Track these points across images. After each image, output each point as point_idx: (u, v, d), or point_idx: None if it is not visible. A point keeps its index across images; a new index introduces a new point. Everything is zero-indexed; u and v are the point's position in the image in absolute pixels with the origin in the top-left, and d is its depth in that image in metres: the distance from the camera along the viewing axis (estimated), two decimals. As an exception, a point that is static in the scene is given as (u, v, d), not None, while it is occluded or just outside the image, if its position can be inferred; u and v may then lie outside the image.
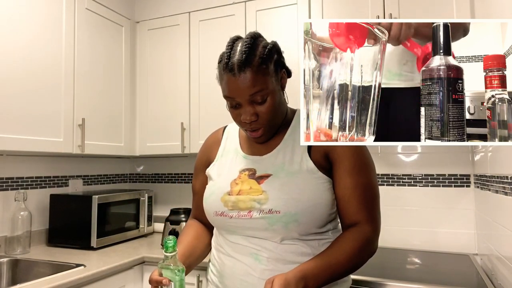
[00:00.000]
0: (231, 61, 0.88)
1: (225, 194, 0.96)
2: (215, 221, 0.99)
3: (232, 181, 0.97)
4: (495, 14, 1.33)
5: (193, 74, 2.21)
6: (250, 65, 0.87)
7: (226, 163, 1.03)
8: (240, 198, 0.93)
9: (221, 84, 0.92)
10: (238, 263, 0.92)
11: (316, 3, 1.93)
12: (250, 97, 0.89)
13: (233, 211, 0.93)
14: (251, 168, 0.97)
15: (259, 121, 0.92)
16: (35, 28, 1.73)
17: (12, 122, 1.61)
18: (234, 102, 0.91)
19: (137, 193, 2.27)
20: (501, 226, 1.30)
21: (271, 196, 0.90)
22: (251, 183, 0.94)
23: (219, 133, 1.14)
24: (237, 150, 1.04)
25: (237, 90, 0.88)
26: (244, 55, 0.87)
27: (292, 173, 0.92)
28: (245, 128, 0.95)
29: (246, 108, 0.90)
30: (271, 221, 0.89)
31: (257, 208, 0.90)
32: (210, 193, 1.00)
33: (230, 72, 0.88)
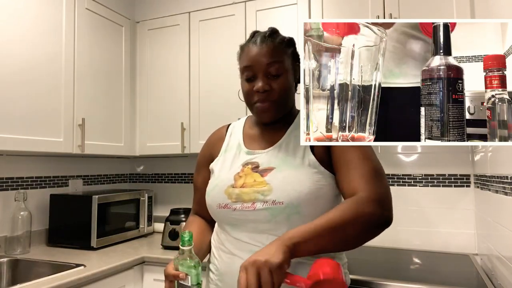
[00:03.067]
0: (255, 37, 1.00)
1: (229, 187, 0.97)
2: (219, 214, 0.99)
3: (236, 175, 0.99)
4: (495, 14, 1.33)
5: (193, 74, 2.22)
6: (272, 39, 0.99)
7: (229, 158, 1.05)
8: (244, 190, 0.94)
9: (241, 58, 1.03)
10: (239, 260, 0.91)
11: (316, 3, 1.93)
12: (267, 67, 0.96)
13: (236, 203, 0.94)
14: (254, 162, 0.99)
15: (271, 93, 0.97)
16: (35, 28, 1.73)
17: (12, 122, 1.61)
18: (250, 73, 0.98)
19: (137, 193, 2.27)
20: (501, 226, 1.30)
21: (275, 187, 0.91)
22: (255, 176, 0.95)
23: (223, 130, 1.16)
24: (240, 145, 1.06)
25: (256, 58, 0.97)
26: (269, 32, 1.00)
27: (295, 166, 0.94)
28: (256, 100, 0.98)
29: (261, 78, 0.97)
30: (274, 212, 0.90)
31: (261, 199, 0.91)
32: (214, 186, 1.02)
33: (251, 43, 0.99)
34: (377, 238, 0.97)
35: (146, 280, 1.82)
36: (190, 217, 1.18)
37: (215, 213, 1.01)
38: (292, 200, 0.89)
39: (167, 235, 1.98)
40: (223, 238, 1.00)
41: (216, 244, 1.03)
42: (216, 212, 0.99)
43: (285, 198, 0.89)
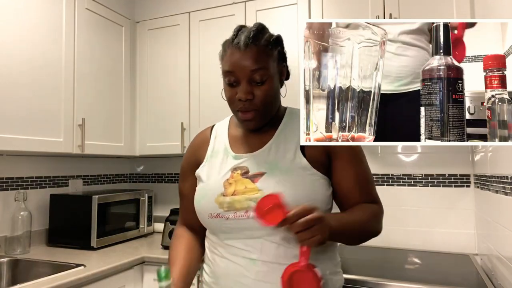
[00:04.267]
0: (238, 37, 0.91)
1: (219, 195, 0.93)
2: (210, 224, 0.95)
3: (225, 181, 0.94)
4: (495, 14, 1.33)
5: (193, 74, 2.22)
6: (256, 42, 0.90)
7: (216, 163, 1.00)
8: (235, 198, 0.90)
9: (223, 60, 0.94)
10: (233, 265, 0.91)
11: (316, 3, 1.93)
12: (251, 74, 0.89)
13: (229, 212, 0.90)
14: (243, 167, 0.95)
15: (254, 102, 0.91)
16: (35, 28, 1.73)
17: (12, 122, 1.61)
18: (233, 78, 0.91)
19: (137, 193, 2.27)
20: (501, 226, 1.29)
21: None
22: (246, 182, 0.92)
23: (206, 133, 1.09)
24: (226, 149, 1.01)
25: (239, 64, 0.89)
26: (253, 33, 0.90)
27: (286, 170, 0.91)
28: (238, 108, 0.93)
29: (244, 85, 0.90)
30: None
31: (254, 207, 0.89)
32: (203, 195, 0.97)
33: (235, 46, 0.90)
34: (377, 238, 0.97)
35: (146, 280, 1.82)
36: (177, 231, 1.10)
37: (207, 222, 0.96)
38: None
39: (167, 235, 1.98)
40: (215, 242, 0.97)
41: (209, 246, 1.00)
42: (208, 221, 0.95)
43: None
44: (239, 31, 0.94)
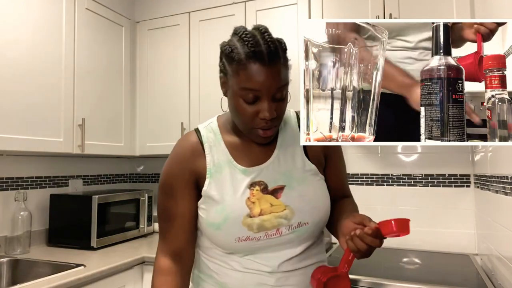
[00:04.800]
0: (258, 49, 0.80)
1: (245, 217, 0.86)
2: (236, 247, 0.88)
3: (247, 200, 0.88)
4: (495, 14, 1.33)
5: (193, 74, 2.22)
6: (278, 56, 0.82)
7: (224, 179, 0.91)
8: (264, 218, 0.86)
9: (239, 75, 0.82)
10: (249, 275, 0.89)
11: (316, 3, 1.93)
12: (276, 91, 0.82)
13: (259, 233, 0.86)
14: (259, 182, 0.90)
15: (276, 119, 0.85)
16: (35, 28, 1.73)
17: (12, 122, 1.61)
18: (253, 95, 0.82)
19: (137, 193, 2.27)
20: (501, 226, 1.29)
21: (296, 209, 0.88)
22: (269, 199, 0.88)
23: (194, 142, 0.96)
24: (230, 162, 0.92)
25: (265, 81, 0.80)
26: (272, 44, 0.81)
27: (301, 180, 0.92)
28: (259, 126, 0.85)
29: (268, 103, 0.82)
30: (299, 233, 0.89)
31: (285, 224, 0.87)
32: (223, 218, 0.88)
33: (258, 60, 0.80)
34: (377, 238, 0.97)
35: (146, 280, 1.82)
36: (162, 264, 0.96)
37: (232, 246, 0.88)
38: (315, 218, 0.90)
39: (167, 235, 1.98)
40: (224, 256, 0.91)
41: (210, 258, 0.94)
42: (233, 245, 0.88)
43: (309, 218, 0.89)
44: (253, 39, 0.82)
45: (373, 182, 2.05)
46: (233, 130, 0.96)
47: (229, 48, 0.85)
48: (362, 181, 2.07)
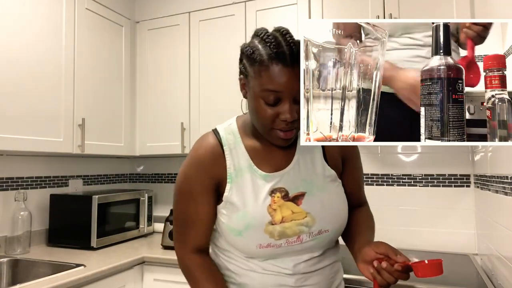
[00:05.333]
0: (281, 50, 0.81)
1: (267, 224, 0.87)
2: (259, 253, 0.89)
3: (268, 207, 0.88)
4: (495, 14, 1.33)
5: (193, 74, 2.22)
6: (299, 57, 0.81)
7: (246, 185, 0.90)
8: (285, 225, 0.87)
9: (262, 76, 0.82)
10: (269, 276, 0.90)
11: (316, 3, 1.93)
12: (297, 93, 0.82)
13: (281, 240, 0.87)
14: (280, 188, 0.90)
15: (296, 122, 0.85)
16: (35, 28, 1.73)
17: (12, 122, 1.61)
18: (274, 97, 0.82)
19: (137, 193, 2.27)
20: (501, 226, 1.29)
21: (317, 217, 0.89)
22: (290, 206, 0.89)
23: (214, 144, 0.94)
24: (251, 167, 0.91)
25: (288, 82, 0.81)
26: (294, 46, 0.82)
27: (322, 187, 0.92)
28: (280, 128, 0.85)
29: (289, 105, 0.82)
30: (320, 240, 0.90)
31: (306, 231, 0.88)
32: (245, 225, 0.88)
33: (281, 62, 0.80)
34: (377, 238, 0.97)
35: (146, 280, 1.82)
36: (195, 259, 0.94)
37: (253, 252, 0.89)
38: (335, 226, 0.91)
39: (167, 235, 1.98)
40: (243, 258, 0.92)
41: (228, 259, 0.95)
42: (255, 251, 0.89)
43: (330, 226, 0.90)
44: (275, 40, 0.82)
45: (373, 182, 2.05)
46: (252, 133, 0.95)
47: (250, 49, 0.85)
48: (362, 181, 2.07)
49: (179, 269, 0.99)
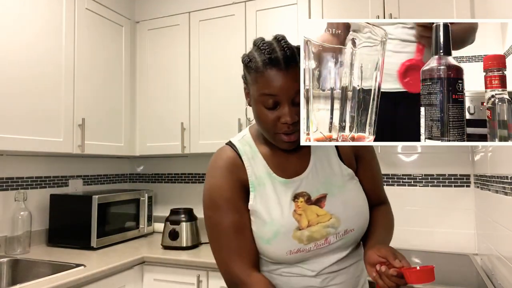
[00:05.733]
0: (275, 55, 0.83)
1: (295, 230, 0.88)
2: (288, 259, 0.89)
3: (294, 213, 0.89)
4: (495, 14, 1.33)
5: (193, 74, 2.22)
6: (295, 60, 0.83)
7: (268, 193, 0.91)
8: (313, 229, 0.88)
9: (258, 82, 0.85)
10: (294, 279, 0.91)
11: (316, 3, 1.93)
12: (294, 95, 0.83)
13: (309, 244, 0.89)
14: (302, 193, 0.91)
15: (298, 123, 0.85)
16: (35, 28, 1.73)
17: (12, 122, 1.61)
18: (273, 101, 0.84)
19: (137, 193, 2.27)
20: (501, 226, 1.29)
21: (341, 217, 0.90)
22: (315, 210, 0.90)
23: (232, 155, 0.95)
24: (270, 174, 0.93)
25: (283, 86, 0.82)
26: (288, 50, 0.84)
27: (341, 186, 0.93)
28: (282, 131, 0.86)
29: (288, 108, 0.84)
30: (347, 240, 0.91)
31: (333, 233, 0.89)
32: (274, 233, 0.88)
33: (275, 66, 0.82)
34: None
35: (146, 280, 1.82)
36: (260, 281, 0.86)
37: (283, 259, 0.89)
38: (361, 224, 0.92)
39: (167, 235, 1.98)
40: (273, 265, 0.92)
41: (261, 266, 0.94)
42: (285, 257, 0.89)
43: (355, 225, 0.91)
44: (269, 47, 0.85)
45: (373, 182, 2.05)
46: (266, 141, 0.95)
47: (248, 58, 0.88)
48: (362, 181, 2.07)
49: (179, 269, 1.00)
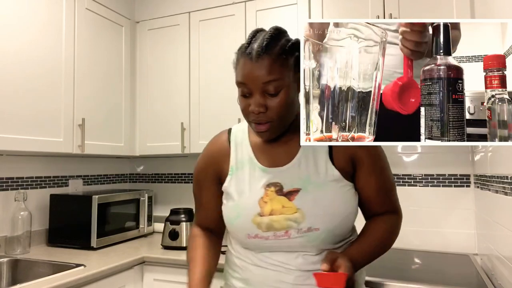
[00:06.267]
0: (251, 46, 0.86)
1: (256, 215, 0.90)
2: (249, 243, 0.93)
3: (260, 200, 0.91)
4: (495, 14, 1.33)
5: (193, 74, 2.22)
6: (269, 52, 0.84)
7: (244, 177, 0.95)
8: (273, 218, 0.88)
9: (236, 69, 0.92)
10: (269, 272, 0.90)
11: (316, 3, 1.93)
12: (263, 86, 0.85)
13: (268, 232, 0.89)
14: (276, 183, 0.92)
15: (268, 114, 0.87)
16: (35, 28, 1.73)
17: (12, 122, 1.61)
18: (245, 89, 0.88)
19: (137, 193, 2.27)
20: (501, 226, 1.29)
21: (308, 214, 0.88)
22: (282, 201, 0.90)
23: (223, 140, 1.03)
24: (252, 160, 0.96)
25: (251, 76, 0.85)
26: (266, 41, 0.85)
27: (320, 185, 0.90)
28: (252, 120, 0.89)
29: (256, 98, 0.86)
30: (310, 239, 0.88)
31: (294, 227, 0.88)
32: (237, 214, 0.93)
33: (247, 56, 0.86)
34: (377, 238, 0.98)
35: (146, 280, 1.82)
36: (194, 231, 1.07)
37: (244, 241, 0.94)
38: (328, 225, 0.88)
39: (167, 235, 1.98)
40: (246, 253, 0.95)
41: (236, 254, 0.98)
42: (246, 241, 0.93)
43: (321, 224, 0.88)
44: (253, 37, 0.89)
45: (373, 182, 2.04)
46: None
47: (240, 46, 0.93)
48: (362, 181, 2.07)
49: (179, 269, 1.03)
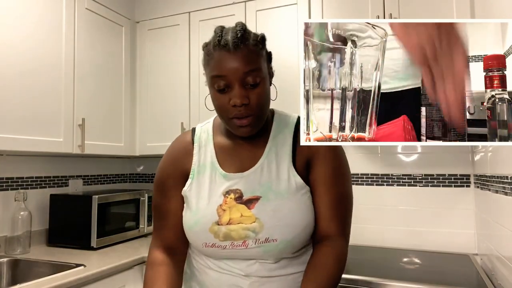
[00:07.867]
0: (225, 38, 0.84)
1: (213, 224, 0.86)
2: (206, 251, 0.89)
3: (218, 207, 0.87)
4: (495, 14, 1.33)
5: (193, 74, 2.22)
6: (246, 43, 0.84)
7: (204, 183, 0.91)
8: (231, 228, 0.85)
9: (209, 65, 0.86)
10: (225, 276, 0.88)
11: (316, 3, 1.93)
12: (244, 76, 0.83)
13: (225, 241, 0.86)
14: (236, 190, 0.88)
15: (250, 107, 0.84)
16: (35, 28, 1.73)
17: (12, 122, 1.61)
18: (223, 83, 0.84)
19: (137, 193, 2.27)
20: (501, 226, 1.30)
21: (266, 224, 0.84)
22: (241, 209, 0.86)
23: (187, 140, 0.99)
24: (214, 165, 0.92)
25: (230, 67, 0.82)
26: (240, 33, 0.84)
27: (281, 194, 0.87)
28: (233, 115, 0.85)
29: (237, 90, 0.83)
30: (267, 249, 0.85)
31: (252, 237, 0.85)
32: (194, 222, 0.89)
33: (223, 48, 0.83)
34: (377, 238, 0.97)
35: (146, 280, 1.82)
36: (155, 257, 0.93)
37: (201, 250, 0.90)
38: (286, 237, 0.85)
39: (167, 235, 1.98)
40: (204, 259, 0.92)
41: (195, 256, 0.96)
42: (203, 249, 0.89)
43: (279, 236, 0.84)
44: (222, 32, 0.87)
45: (373, 182, 2.05)
46: (225, 132, 0.95)
47: (204, 44, 0.91)
48: (362, 181, 2.07)
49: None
